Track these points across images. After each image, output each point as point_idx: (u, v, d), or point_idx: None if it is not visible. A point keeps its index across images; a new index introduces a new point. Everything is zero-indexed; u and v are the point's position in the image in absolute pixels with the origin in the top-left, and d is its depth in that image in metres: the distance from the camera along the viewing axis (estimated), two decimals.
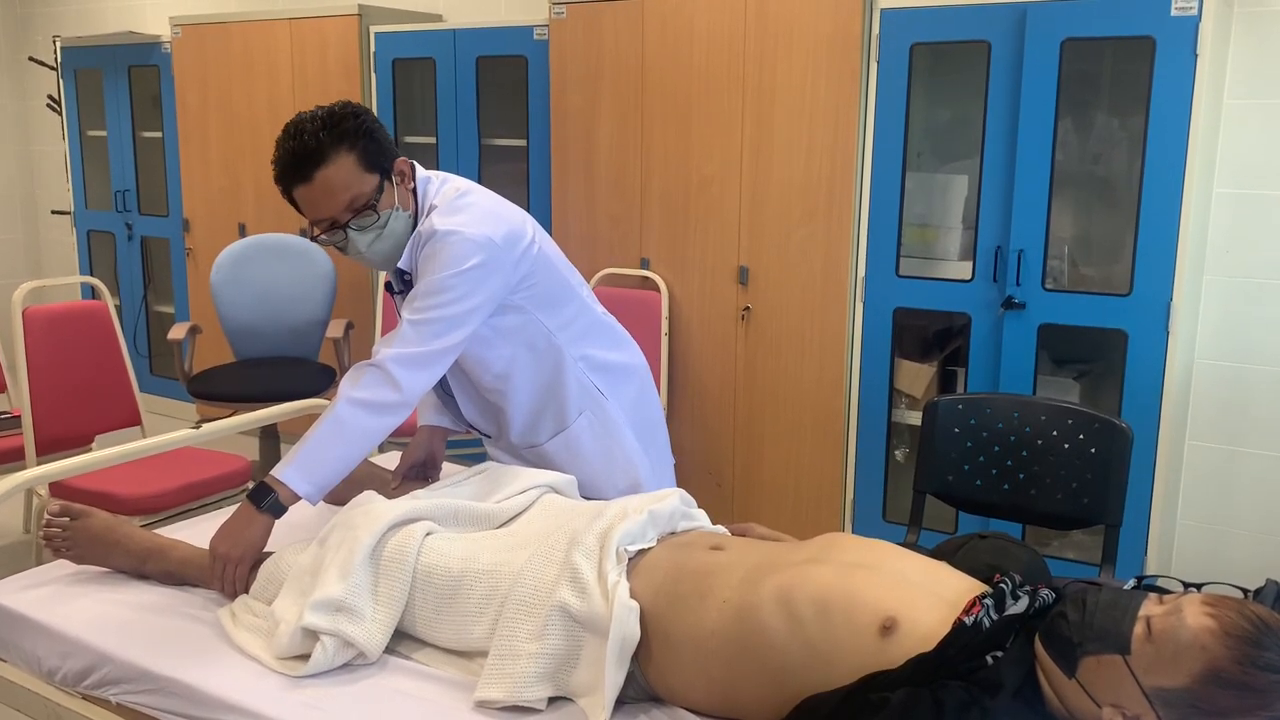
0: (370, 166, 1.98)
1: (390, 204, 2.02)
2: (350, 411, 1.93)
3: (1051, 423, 2.41)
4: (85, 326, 3.58)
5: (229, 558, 1.88)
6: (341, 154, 1.95)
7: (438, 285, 1.97)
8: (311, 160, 1.94)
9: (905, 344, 3.53)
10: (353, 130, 1.97)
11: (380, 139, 2.01)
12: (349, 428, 1.93)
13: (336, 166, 1.95)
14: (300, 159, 1.95)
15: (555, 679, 1.59)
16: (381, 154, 2.00)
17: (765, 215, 3.52)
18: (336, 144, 1.95)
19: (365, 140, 1.97)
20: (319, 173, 1.95)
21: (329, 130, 1.95)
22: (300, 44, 4.60)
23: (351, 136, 1.96)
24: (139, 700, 1.69)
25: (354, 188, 1.96)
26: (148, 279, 5.55)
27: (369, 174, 1.98)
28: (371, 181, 1.98)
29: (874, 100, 3.30)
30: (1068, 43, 2.98)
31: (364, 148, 1.97)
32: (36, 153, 6.33)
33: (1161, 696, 1.30)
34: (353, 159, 1.96)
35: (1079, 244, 3.41)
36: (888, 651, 1.41)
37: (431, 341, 1.96)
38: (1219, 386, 3.25)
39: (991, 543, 1.72)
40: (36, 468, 2.16)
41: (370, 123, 2.00)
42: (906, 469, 3.61)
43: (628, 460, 2.29)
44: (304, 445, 1.92)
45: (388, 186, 2.02)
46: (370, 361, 1.96)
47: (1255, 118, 3.12)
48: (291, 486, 1.89)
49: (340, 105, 2.01)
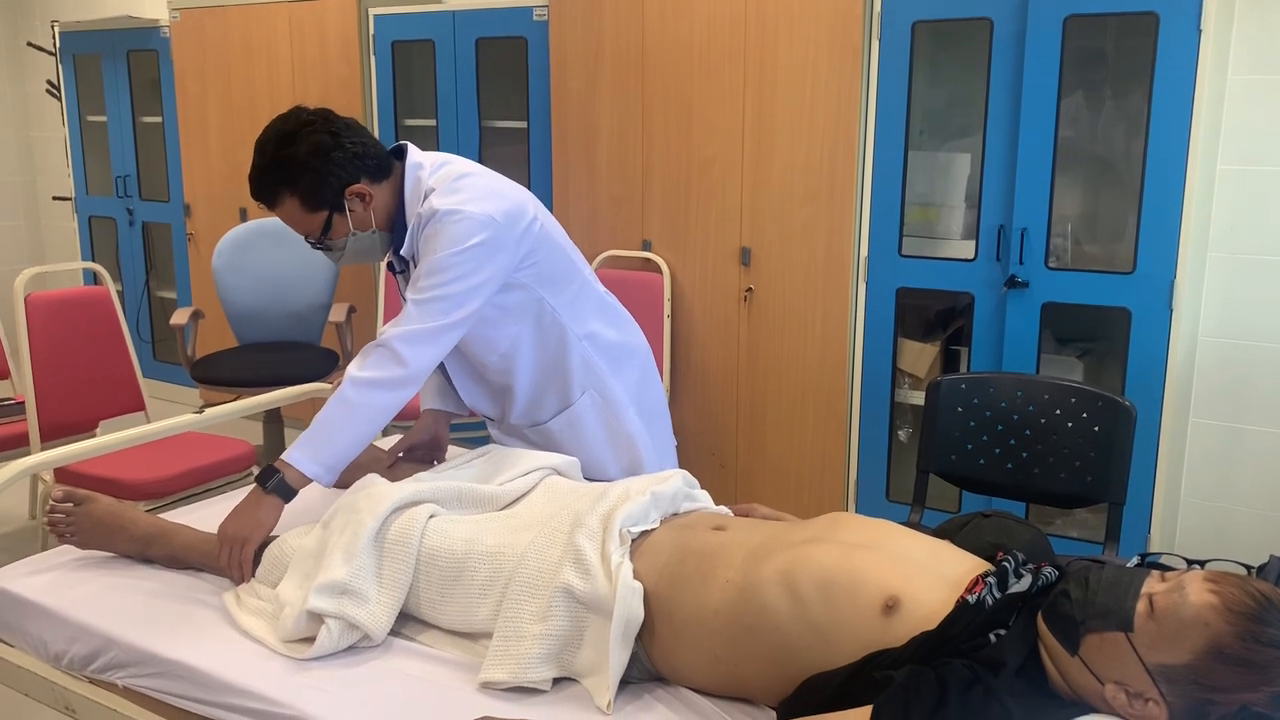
0: (314, 206, 2.01)
1: (344, 232, 2.05)
2: (356, 391, 1.94)
3: (1055, 401, 2.41)
4: (88, 312, 3.58)
5: (236, 539, 1.89)
6: (285, 198, 2.00)
7: (440, 264, 1.97)
8: (264, 200, 2.03)
9: (908, 324, 3.53)
10: (294, 170, 1.97)
11: (326, 171, 1.98)
12: (356, 406, 1.93)
13: (283, 209, 2.02)
14: (256, 195, 2.03)
15: (559, 660, 1.60)
16: (326, 189, 1.99)
17: (767, 196, 3.51)
18: (278, 188, 2.00)
19: (308, 178, 1.98)
20: (273, 210, 2.04)
21: (271, 173, 1.99)
22: (299, 27, 4.58)
23: (290, 181, 1.98)
24: (145, 684, 1.70)
25: (303, 225, 2.04)
26: (149, 264, 5.55)
27: (313, 213, 2.02)
28: (317, 220, 2.02)
29: (875, 79, 3.28)
30: (1070, 19, 2.96)
31: (306, 187, 1.98)
32: (36, 139, 6.32)
33: (1164, 673, 1.30)
34: (295, 202, 2.00)
35: (1082, 222, 3.40)
36: (891, 630, 1.41)
37: (436, 318, 1.97)
38: (1222, 364, 3.25)
39: (995, 521, 1.72)
40: (41, 454, 2.16)
41: (311, 155, 1.97)
42: (910, 449, 3.61)
43: (629, 440, 2.29)
44: (312, 427, 1.93)
45: (337, 218, 2.03)
46: (376, 342, 1.98)
47: (1259, 94, 3.10)
48: (299, 468, 1.90)
49: (286, 129, 1.99)
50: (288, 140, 1.98)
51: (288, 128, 1.99)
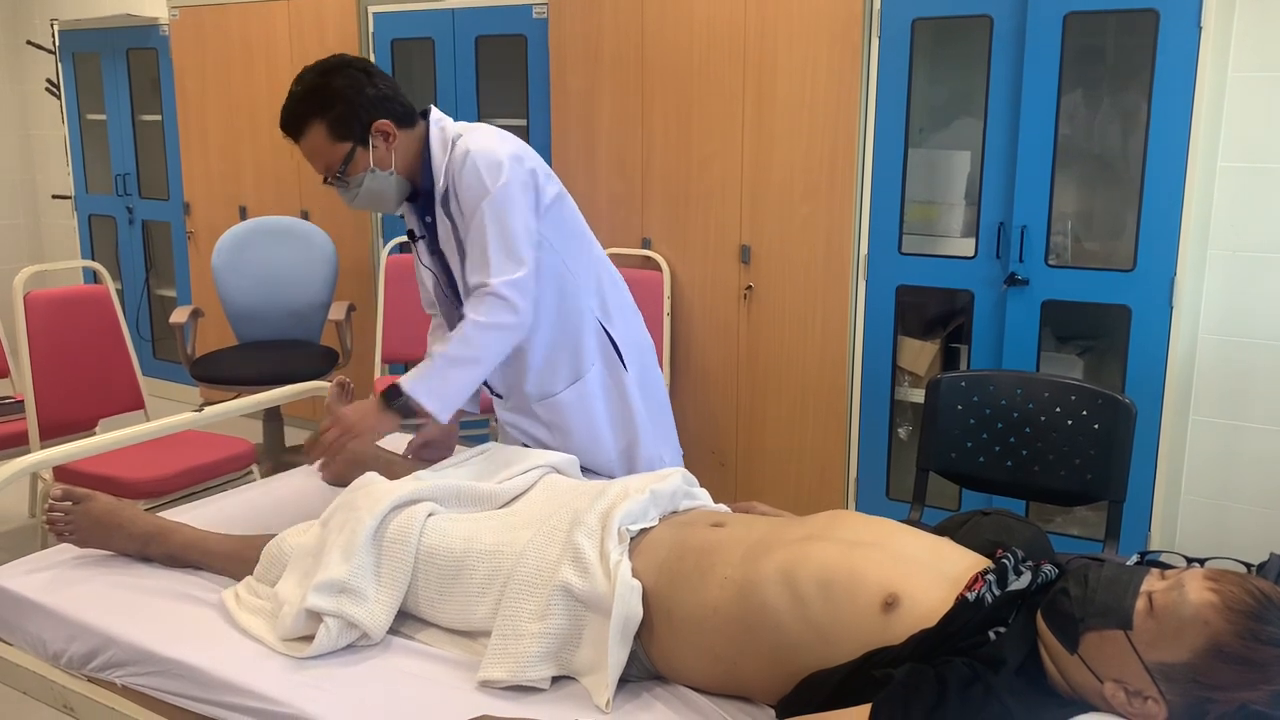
0: (340, 136, 2.09)
1: (364, 167, 2.12)
2: (479, 333, 2.05)
3: (1055, 399, 2.41)
4: (87, 311, 3.58)
5: (349, 427, 2.00)
6: (312, 126, 2.09)
7: (493, 214, 2.07)
8: (291, 128, 2.11)
9: (908, 321, 3.52)
10: (326, 99, 2.07)
11: (357, 104, 2.08)
12: (475, 348, 2.05)
13: (309, 137, 2.10)
14: (284, 125, 2.12)
15: (558, 658, 1.60)
16: (355, 120, 2.09)
17: (767, 194, 3.51)
18: (308, 116, 2.09)
19: (339, 108, 2.08)
20: (298, 140, 2.12)
21: (302, 100, 2.09)
22: (298, 25, 4.57)
23: (322, 108, 2.08)
24: (144, 682, 1.70)
25: (325, 156, 2.11)
26: (149, 263, 5.55)
27: (338, 143, 2.09)
28: (341, 150, 2.10)
29: (875, 76, 3.28)
30: (1070, 16, 2.96)
31: (335, 117, 2.08)
32: (36, 137, 6.32)
33: (1163, 671, 1.30)
34: (322, 130, 2.09)
35: (1082, 219, 3.40)
36: (890, 628, 1.41)
37: (525, 264, 2.08)
38: (1223, 362, 3.24)
39: (994, 519, 1.71)
40: (40, 452, 2.16)
41: (349, 86, 2.08)
42: (909, 446, 3.61)
43: (629, 421, 2.33)
44: (431, 365, 2.04)
45: (361, 152, 2.10)
46: (487, 290, 2.06)
47: (1260, 91, 3.09)
48: (421, 400, 2.01)
49: (328, 65, 2.11)
50: (325, 73, 2.09)
51: (327, 64, 2.11)
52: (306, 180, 4.72)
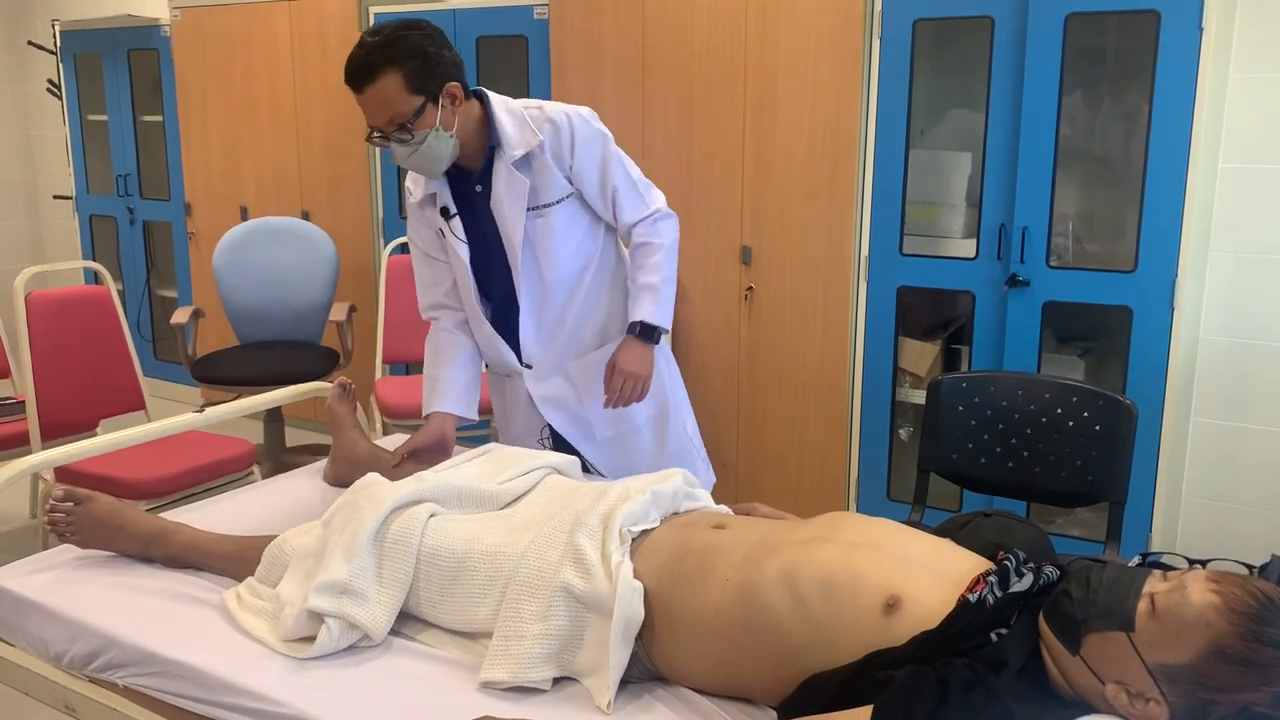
0: (415, 89, 2.10)
1: (429, 124, 2.13)
2: (673, 250, 2.37)
3: (1056, 400, 2.41)
4: (88, 311, 3.58)
5: (636, 375, 2.29)
6: (389, 74, 2.07)
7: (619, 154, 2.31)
8: (363, 74, 2.09)
9: (909, 322, 3.52)
10: (405, 51, 2.08)
11: (434, 61, 2.11)
12: (673, 262, 2.37)
13: (382, 85, 2.08)
14: (356, 70, 2.09)
15: (560, 660, 1.60)
16: (431, 77, 2.11)
17: (768, 194, 3.51)
18: (386, 64, 2.07)
19: (417, 61, 2.09)
20: (368, 87, 2.09)
21: (383, 49, 2.08)
22: (299, 26, 4.58)
23: (403, 57, 2.08)
24: (146, 683, 1.70)
25: (395, 106, 2.10)
26: (150, 263, 5.55)
27: (412, 95, 2.10)
28: (413, 103, 2.10)
29: (876, 77, 3.28)
30: (1072, 17, 2.96)
31: (413, 69, 2.09)
32: (37, 138, 6.32)
33: (1166, 673, 1.30)
34: (399, 80, 2.08)
35: (1083, 220, 3.40)
36: (892, 630, 1.41)
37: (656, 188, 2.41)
38: (1224, 363, 3.24)
39: (996, 520, 1.71)
40: (41, 453, 2.16)
41: (427, 43, 2.11)
42: (911, 447, 3.61)
43: (660, 387, 2.47)
44: (657, 293, 2.31)
45: (430, 109, 2.12)
46: (657, 215, 2.35)
47: (1261, 92, 3.10)
48: (663, 325, 2.32)
49: (407, 22, 2.13)
50: (408, 26, 2.11)
51: (406, 22, 2.12)
52: (307, 181, 4.73)
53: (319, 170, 4.68)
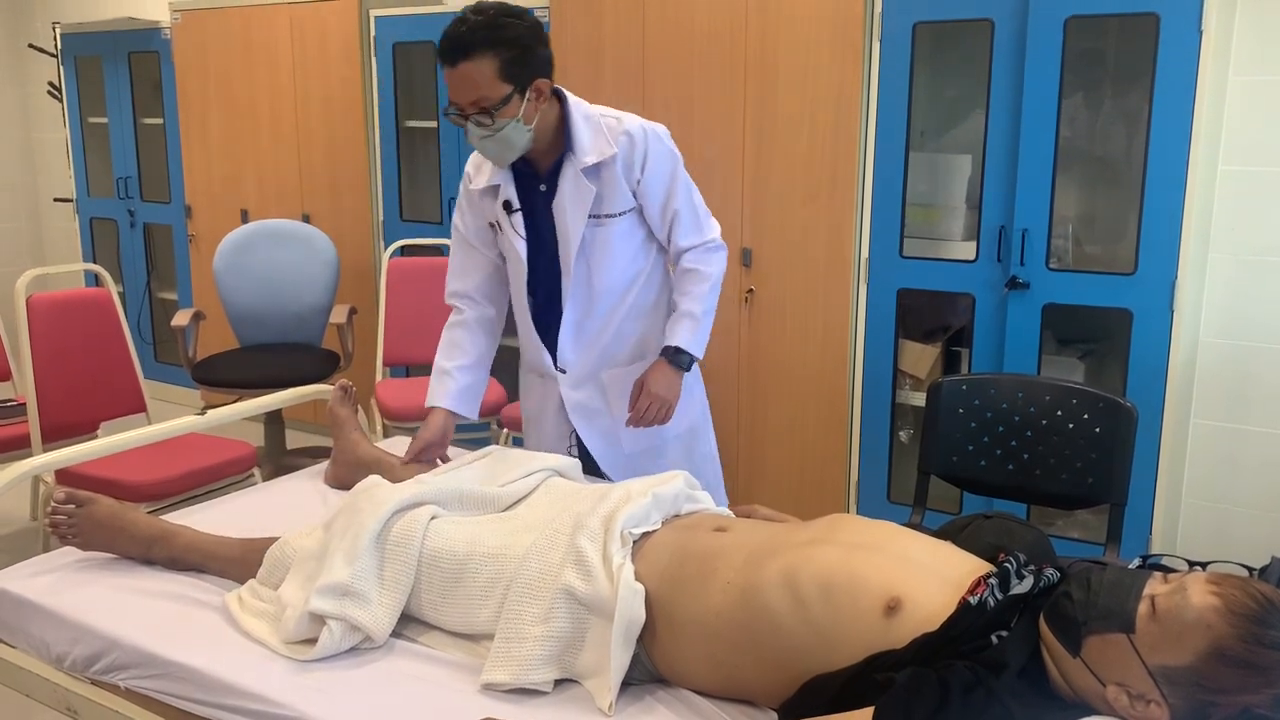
0: (508, 78, 2.08)
1: (512, 114, 2.11)
2: (718, 283, 2.39)
3: (1056, 402, 2.41)
4: (89, 314, 3.59)
5: (663, 400, 2.32)
6: (485, 56, 2.05)
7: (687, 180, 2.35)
8: (459, 51, 2.06)
9: (909, 325, 3.53)
10: (506, 39, 2.06)
11: (531, 54, 2.10)
12: (716, 295, 2.39)
13: (476, 65, 2.06)
14: (453, 44, 2.07)
15: (561, 661, 1.60)
16: (524, 69, 2.10)
17: (768, 197, 3.51)
18: (485, 47, 2.05)
19: (515, 51, 2.07)
20: (461, 65, 2.06)
21: (487, 29, 2.06)
22: (300, 28, 4.58)
23: (502, 44, 2.06)
24: (147, 685, 1.70)
25: (483, 90, 2.08)
26: (151, 266, 5.55)
27: (503, 84, 2.08)
28: (502, 90, 2.08)
29: (876, 80, 3.28)
30: (1071, 20, 2.97)
31: (510, 59, 2.07)
32: (38, 140, 6.33)
33: (1166, 675, 1.30)
34: (494, 66, 2.06)
35: (1083, 223, 3.40)
36: (892, 632, 1.41)
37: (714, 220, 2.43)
38: (1224, 365, 3.25)
39: (996, 523, 1.72)
40: (42, 455, 2.16)
41: (528, 36, 2.10)
42: (911, 450, 3.61)
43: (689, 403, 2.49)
44: (696, 323, 2.34)
45: (516, 100, 2.10)
46: (711, 245, 2.38)
47: (1260, 94, 3.10)
48: (696, 353, 2.36)
49: (512, 9, 2.11)
50: (513, 14, 2.09)
51: (511, 7, 2.10)
52: (308, 183, 4.73)
53: (320, 173, 4.68)
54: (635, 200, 2.30)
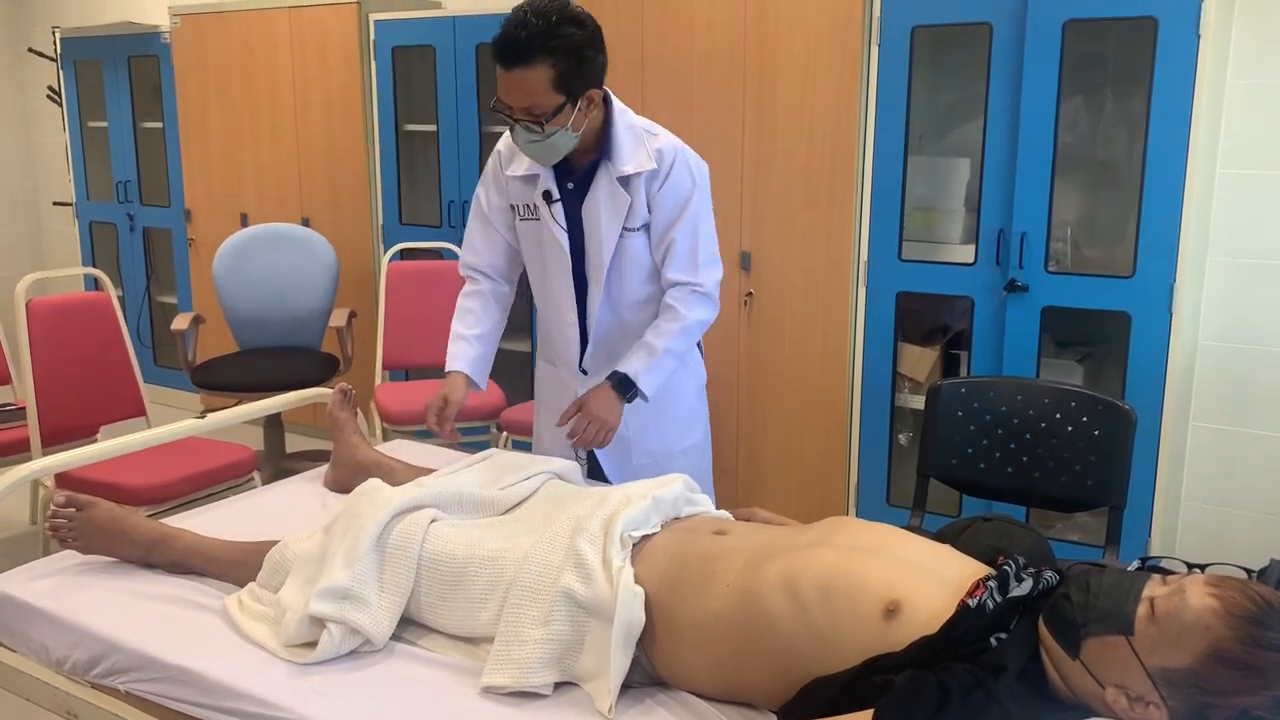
0: (561, 88, 2.05)
1: (563, 123, 2.09)
2: (695, 329, 2.29)
3: (1055, 405, 2.41)
4: (89, 318, 3.59)
5: (604, 421, 2.20)
6: (542, 65, 2.02)
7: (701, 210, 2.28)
8: (516, 56, 2.02)
9: (908, 328, 3.53)
10: (564, 49, 2.03)
11: (588, 64, 2.07)
12: (689, 340, 2.30)
13: (533, 73, 2.03)
14: (509, 48, 2.03)
15: (561, 664, 1.60)
16: (579, 80, 2.07)
17: (767, 201, 3.51)
18: (543, 55, 2.02)
19: (572, 62, 2.04)
20: (516, 70, 2.03)
21: (545, 36, 2.01)
22: (300, 32, 4.59)
23: (560, 54, 2.03)
24: (147, 688, 1.70)
25: (537, 97, 2.05)
26: (150, 270, 5.55)
27: (556, 93, 2.05)
28: (555, 100, 2.06)
29: (875, 84, 3.29)
30: (1069, 24, 2.97)
31: (566, 69, 2.04)
32: (37, 144, 6.33)
33: (1165, 676, 1.30)
34: (550, 75, 2.04)
35: (1082, 226, 3.41)
36: (892, 634, 1.41)
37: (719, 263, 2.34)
38: (1223, 368, 3.25)
39: (995, 525, 1.72)
40: (42, 459, 2.17)
41: (587, 45, 2.06)
42: (910, 453, 3.61)
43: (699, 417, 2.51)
44: (657, 359, 2.24)
45: (568, 109, 2.08)
46: (701, 290, 2.29)
47: (1258, 98, 3.10)
48: (646, 390, 2.23)
49: (576, 14, 2.07)
50: (574, 20, 2.05)
51: (572, 11, 2.06)
52: (307, 187, 4.73)
53: (319, 177, 4.68)
54: (649, 214, 2.28)
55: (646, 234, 2.30)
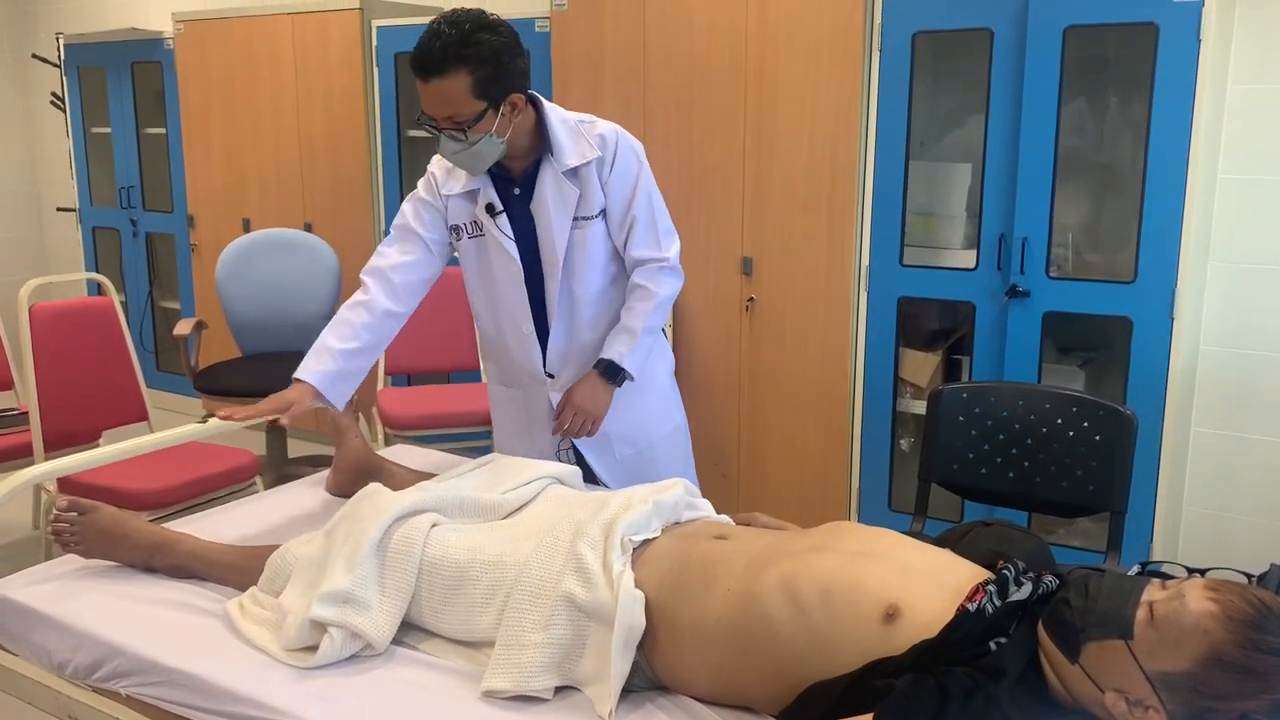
0: (482, 94, 2.07)
1: (486, 129, 2.11)
2: (666, 303, 2.33)
3: (1056, 410, 2.41)
4: (91, 323, 3.59)
5: (590, 414, 2.29)
6: (458, 74, 2.04)
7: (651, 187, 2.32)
8: (432, 67, 2.04)
9: (909, 333, 3.53)
10: (479, 56, 2.05)
11: (506, 70, 2.09)
12: (662, 315, 2.35)
13: (449, 83, 2.05)
14: (425, 59, 2.05)
15: (561, 668, 1.60)
16: (499, 85, 2.08)
17: (768, 205, 3.52)
18: (457, 64, 2.04)
19: (489, 69, 2.06)
20: (433, 80, 2.05)
21: (460, 45, 2.03)
22: (302, 38, 4.60)
23: (475, 61, 2.05)
24: (149, 692, 1.70)
25: (456, 106, 2.07)
26: (153, 275, 5.56)
27: (476, 100, 2.07)
28: (476, 107, 2.08)
29: (876, 89, 3.29)
30: (1070, 30, 2.98)
31: (484, 76, 2.06)
32: (41, 150, 6.34)
33: (1164, 680, 1.30)
34: (467, 83, 2.05)
35: (1083, 231, 3.41)
36: (892, 638, 1.41)
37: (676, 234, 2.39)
38: (1224, 373, 3.25)
39: (995, 530, 1.72)
40: (44, 464, 2.17)
41: (504, 51, 2.08)
42: (911, 458, 3.61)
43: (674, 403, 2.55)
44: (635, 339, 2.30)
45: (490, 115, 2.10)
46: (665, 265, 2.33)
47: (1259, 103, 3.11)
48: (631, 370, 2.30)
49: (487, 21, 2.08)
50: (487, 28, 2.07)
51: (487, 19, 2.08)
52: (310, 192, 4.74)
53: (321, 182, 4.69)
54: (604, 200, 2.31)
55: (604, 220, 2.31)
